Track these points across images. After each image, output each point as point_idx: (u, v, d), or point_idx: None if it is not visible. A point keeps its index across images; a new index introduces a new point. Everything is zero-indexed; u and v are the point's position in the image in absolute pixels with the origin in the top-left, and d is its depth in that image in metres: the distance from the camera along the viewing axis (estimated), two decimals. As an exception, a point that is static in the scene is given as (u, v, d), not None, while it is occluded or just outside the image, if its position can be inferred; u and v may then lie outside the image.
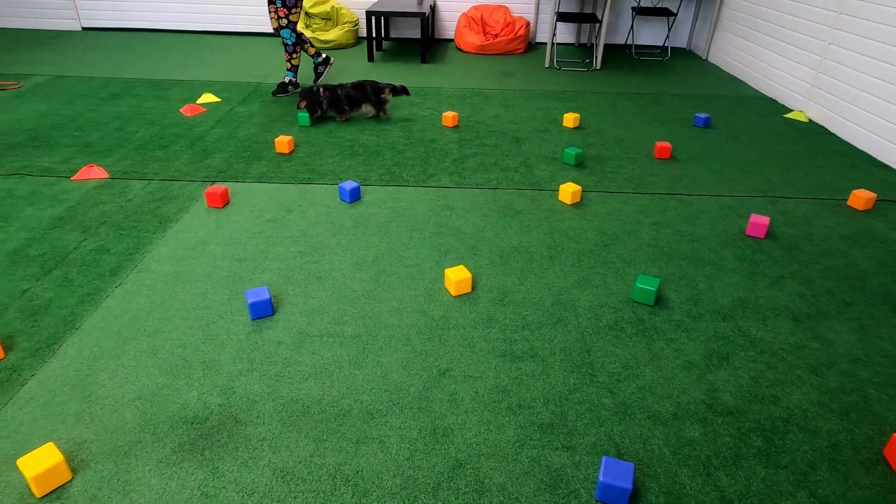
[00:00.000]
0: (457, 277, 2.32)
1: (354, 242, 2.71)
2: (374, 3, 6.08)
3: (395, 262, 2.57)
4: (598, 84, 5.32)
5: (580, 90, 5.12)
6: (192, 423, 1.75)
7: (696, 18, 6.65)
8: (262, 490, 1.55)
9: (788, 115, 4.57)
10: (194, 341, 2.08)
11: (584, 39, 6.94)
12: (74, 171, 3.33)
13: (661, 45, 6.81)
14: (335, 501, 1.53)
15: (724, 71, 5.91)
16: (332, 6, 6.53)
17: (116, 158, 3.53)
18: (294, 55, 4.63)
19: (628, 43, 6.85)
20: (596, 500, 1.55)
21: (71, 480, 1.57)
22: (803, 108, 4.63)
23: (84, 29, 6.96)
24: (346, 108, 4.16)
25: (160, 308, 2.24)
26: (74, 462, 1.62)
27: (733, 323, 2.23)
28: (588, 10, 6.57)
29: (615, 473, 1.52)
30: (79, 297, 2.30)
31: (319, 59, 4.87)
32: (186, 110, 4.32)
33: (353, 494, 1.55)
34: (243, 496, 1.54)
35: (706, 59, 6.35)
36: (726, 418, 1.81)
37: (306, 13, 6.50)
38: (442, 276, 2.47)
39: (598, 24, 5.92)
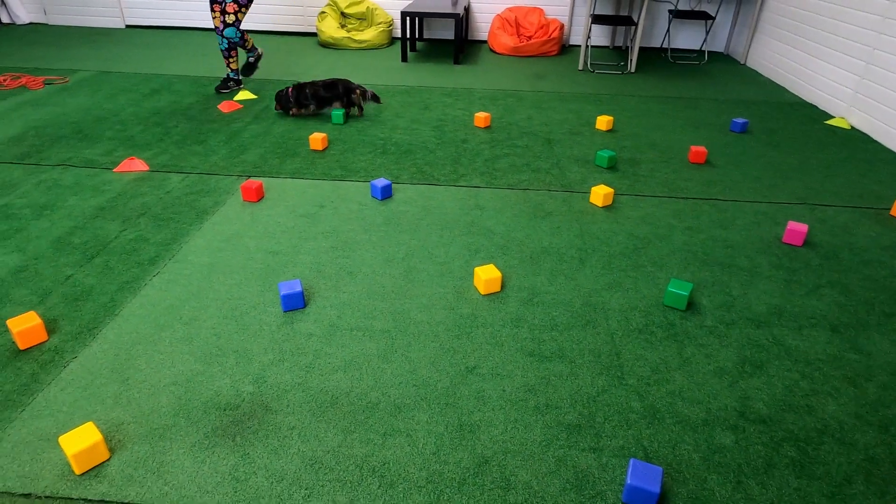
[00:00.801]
0: (486, 276, 2.32)
1: (385, 239, 2.73)
2: (409, 4, 6.13)
3: (425, 259, 2.58)
4: (632, 87, 5.27)
5: (614, 93, 5.08)
6: (224, 410, 1.79)
7: (735, 22, 6.53)
8: (291, 477, 1.58)
9: (830, 122, 4.46)
10: (228, 330, 2.12)
11: (619, 42, 6.88)
12: (116, 163, 3.43)
13: (699, 48, 6.71)
14: (362, 492, 1.55)
15: (763, 76, 5.79)
16: (368, 7, 6.60)
17: (156, 152, 3.63)
18: (232, 57, 4.68)
19: (664, 46, 6.76)
20: (622, 503, 1.53)
21: (108, 460, 1.62)
22: (845, 114, 4.50)
23: (128, 27, 7.17)
24: (312, 105, 4.22)
25: (196, 297, 2.30)
26: (112, 442, 1.67)
27: (768, 331, 2.18)
28: (624, 13, 6.51)
29: (643, 476, 1.50)
30: (118, 284, 2.37)
31: (254, 56, 4.83)
32: (224, 106, 4.42)
33: (379, 485, 1.57)
34: (272, 482, 1.57)
35: (745, 64, 6.23)
36: (758, 426, 1.77)
37: (342, 13, 6.59)
38: (471, 274, 2.48)
39: (633, 27, 5.86)
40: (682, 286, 2.28)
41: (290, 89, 4.18)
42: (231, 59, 4.69)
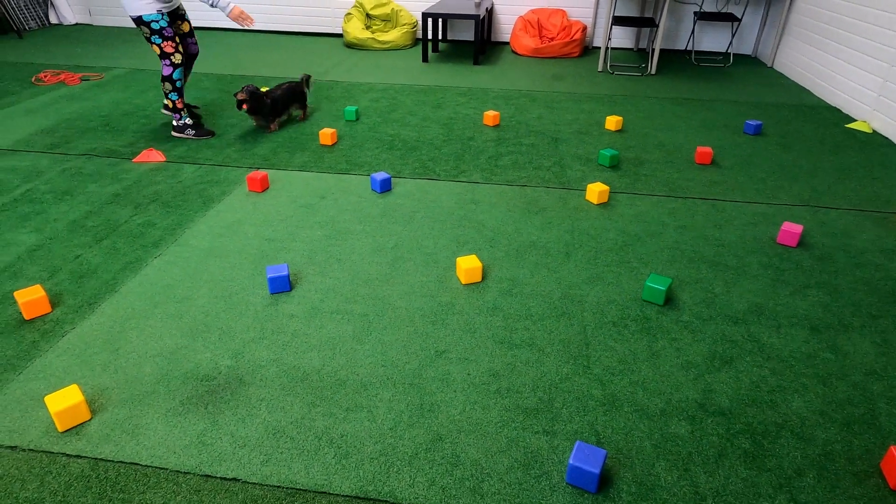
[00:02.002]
0: (467, 266, 2.38)
1: (378, 230, 2.82)
2: (431, 6, 6.23)
3: (413, 249, 2.66)
4: (649, 89, 5.24)
5: (630, 94, 5.06)
6: (201, 381, 1.90)
7: (763, 24, 6.40)
8: (253, 443, 1.67)
9: (851, 126, 4.34)
10: (216, 309, 2.24)
11: (642, 44, 6.83)
12: (136, 154, 3.62)
13: (724, 51, 6.60)
14: (317, 461, 1.63)
15: (788, 79, 5.66)
16: (393, 8, 6.73)
17: (174, 144, 3.81)
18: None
19: (688, 48, 6.68)
20: (566, 483, 1.57)
21: (89, 420, 1.75)
22: (868, 118, 4.38)
23: (165, 27, 7.48)
24: (280, 113, 4.08)
25: (191, 278, 2.43)
26: (95, 405, 1.80)
27: (744, 328, 2.18)
28: (648, 15, 6.46)
29: (585, 458, 1.54)
30: (122, 264, 2.52)
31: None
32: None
33: (334, 455, 1.64)
34: (235, 447, 1.66)
35: (771, 67, 6.10)
36: (717, 419, 1.78)
37: (368, 14, 6.74)
38: (455, 264, 2.54)
39: (654, 29, 5.82)
40: (661, 281, 2.29)
41: (264, 94, 3.89)
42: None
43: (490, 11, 6.72)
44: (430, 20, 6.56)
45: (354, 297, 2.33)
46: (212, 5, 3.59)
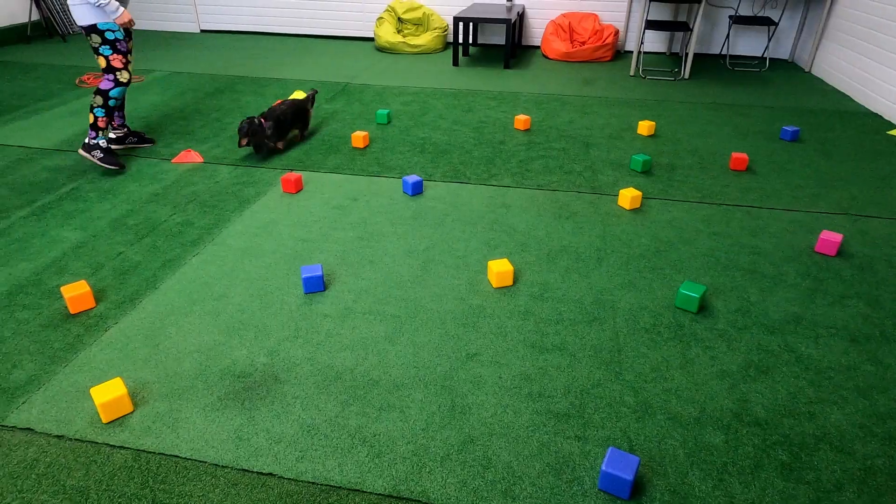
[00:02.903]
0: (498, 269, 2.39)
1: (409, 232, 2.85)
2: (463, 10, 6.25)
3: (445, 252, 2.67)
4: (682, 93, 5.17)
5: (662, 99, 5.01)
6: (238, 377, 1.94)
7: (801, 28, 6.28)
8: (288, 440, 1.71)
9: (893, 132, 4.23)
10: (252, 308, 2.29)
11: (676, 49, 6.75)
12: (174, 155, 3.72)
13: (760, 55, 6.49)
14: (350, 458, 1.65)
15: (827, 84, 5.54)
16: (424, 12, 6.78)
17: (212, 145, 3.90)
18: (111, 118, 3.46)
19: (723, 53, 6.57)
20: (598, 490, 1.57)
21: (132, 412, 1.80)
22: (911, 124, 4.26)
23: (202, 31, 7.67)
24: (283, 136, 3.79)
25: (228, 277, 2.48)
26: (137, 398, 1.85)
27: (781, 337, 2.14)
28: (682, 19, 6.39)
29: (618, 464, 1.53)
30: (162, 261, 2.59)
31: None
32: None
33: (367, 454, 1.67)
34: (271, 443, 1.70)
35: (809, 72, 5.97)
36: (753, 429, 1.75)
37: (399, 18, 6.80)
38: (486, 268, 2.55)
39: (688, 33, 5.75)
40: (694, 288, 2.26)
41: (261, 120, 3.60)
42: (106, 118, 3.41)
43: (521, 15, 6.72)
44: (461, 24, 6.60)
45: (386, 298, 2.35)
46: (97, 5, 3.08)
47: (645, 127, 4.14)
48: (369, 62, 6.20)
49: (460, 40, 6.67)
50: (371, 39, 7.23)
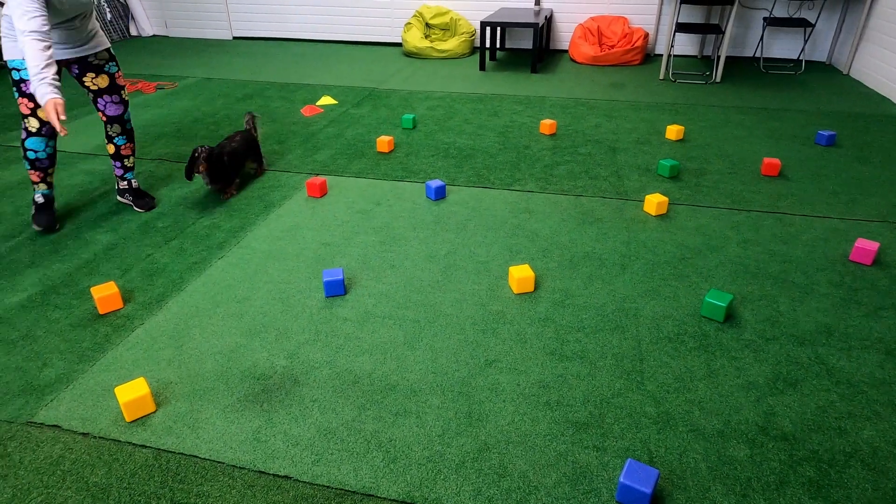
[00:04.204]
0: (519, 275, 2.37)
1: (431, 237, 2.84)
2: (491, 15, 6.25)
3: (466, 257, 2.67)
4: (713, 97, 5.07)
5: (693, 103, 4.91)
6: (258, 379, 1.96)
7: (839, 29, 6.09)
8: (305, 443, 1.72)
9: (935, 137, 4.07)
10: (273, 310, 2.31)
11: (707, 51, 6.62)
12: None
13: (796, 58, 6.32)
14: (365, 463, 1.65)
15: (866, 87, 5.36)
16: (452, 17, 6.79)
17: (240, 150, 3.97)
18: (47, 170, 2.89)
19: (757, 55, 6.42)
20: (616, 502, 1.53)
21: (154, 412, 1.84)
22: (955, 129, 4.09)
23: (234, 38, 7.83)
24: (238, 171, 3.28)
25: (251, 279, 2.52)
26: (159, 398, 1.89)
27: (811, 349, 2.07)
28: (714, 21, 6.27)
29: (637, 476, 1.50)
30: (188, 264, 2.64)
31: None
32: (306, 110, 4.74)
33: (382, 459, 1.67)
34: (288, 446, 1.71)
35: (847, 74, 5.79)
36: (779, 443, 1.70)
37: (427, 24, 6.82)
38: (507, 273, 2.53)
39: (720, 35, 5.64)
40: (721, 297, 2.21)
41: (223, 153, 3.12)
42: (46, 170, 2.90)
43: (549, 19, 6.68)
44: (488, 29, 6.59)
45: (406, 303, 2.35)
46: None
47: (674, 131, 4.07)
48: (396, 67, 6.24)
49: (487, 45, 6.66)
50: (399, 45, 7.28)
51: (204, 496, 1.56)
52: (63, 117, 2.32)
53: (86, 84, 2.85)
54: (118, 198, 3.26)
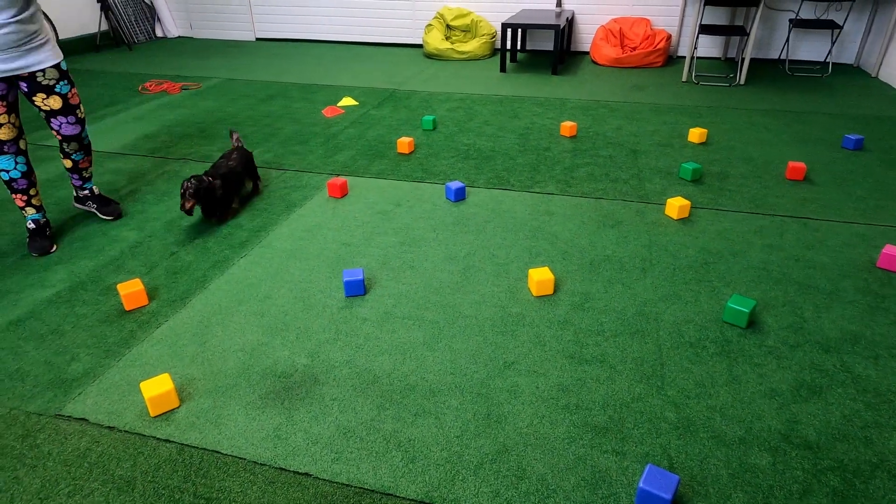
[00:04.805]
0: (539, 277, 2.37)
1: (451, 238, 2.85)
2: (512, 17, 6.24)
3: (485, 259, 2.67)
4: (737, 100, 5.01)
5: (716, 105, 4.86)
6: (279, 377, 1.99)
7: (868, 31, 5.98)
8: (325, 441, 1.74)
9: (968, 141, 3.97)
10: (294, 309, 2.34)
11: (731, 54, 6.54)
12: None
13: (822, 60, 6.21)
14: (384, 462, 1.67)
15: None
16: (473, 19, 6.80)
17: (262, 150, 4.02)
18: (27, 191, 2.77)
19: (782, 58, 6.33)
20: (635, 507, 1.53)
21: (178, 407, 1.87)
22: None
23: (257, 39, 7.92)
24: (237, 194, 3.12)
25: (273, 278, 2.55)
26: (183, 394, 1.92)
27: (837, 357, 2.03)
28: (738, 23, 6.19)
29: (657, 482, 1.49)
30: (212, 262, 2.68)
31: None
32: (327, 111, 4.78)
33: (401, 458, 1.68)
34: (308, 443, 1.73)
35: (876, 77, 5.68)
36: (803, 452, 1.67)
37: (448, 25, 6.84)
38: (526, 276, 2.53)
39: (745, 37, 5.57)
40: (744, 302, 2.18)
41: (210, 179, 2.91)
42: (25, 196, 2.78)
43: (570, 21, 6.65)
44: (509, 30, 6.58)
45: (426, 303, 2.36)
46: None
47: (696, 134, 4.03)
48: (417, 69, 6.27)
49: (508, 46, 6.65)
50: (419, 46, 7.31)
51: (226, 491, 1.59)
52: None
53: (36, 104, 2.64)
54: (76, 205, 3.17)
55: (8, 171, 2.67)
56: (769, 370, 1.98)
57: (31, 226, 2.82)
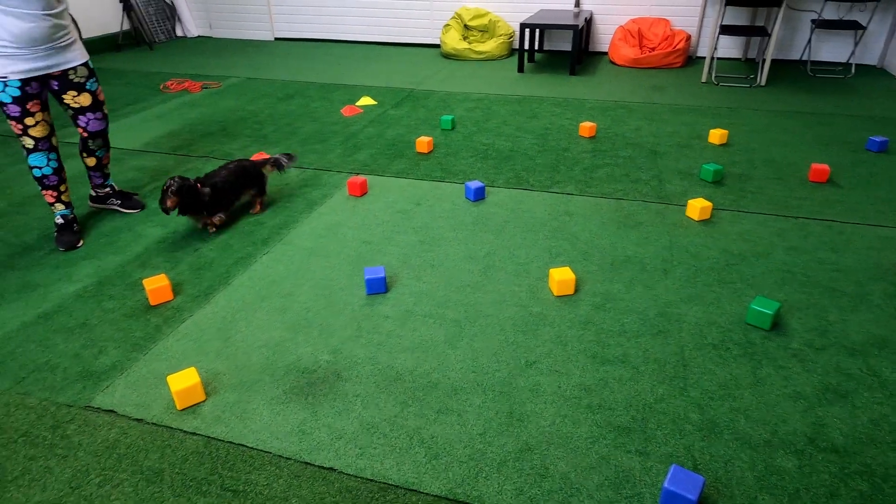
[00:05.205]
0: (560, 277, 2.37)
1: (471, 237, 2.86)
2: (530, 17, 6.24)
3: (505, 258, 2.67)
4: (758, 101, 4.96)
5: (736, 107, 4.82)
6: (302, 373, 2.01)
7: (892, 32, 5.89)
8: (349, 436, 1.75)
9: None
10: (317, 306, 2.36)
11: (752, 54, 6.48)
12: (248, 157, 3.88)
13: (845, 61, 6.13)
14: (408, 458, 1.68)
15: (920, 92, 5.17)
16: (490, 19, 6.80)
17: (283, 148, 4.05)
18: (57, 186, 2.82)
19: (804, 59, 6.26)
20: (660, 507, 1.52)
21: (204, 401, 1.89)
22: None
23: (276, 39, 7.98)
24: (227, 205, 2.98)
25: (294, 275, 2.57)
26: (209, 388, 1.95)
27: (863, 360, 2.01)
28: (759, 23, 6.13)
29: (682, 483, 1.48)
30: (235, 259, 2.71)
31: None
32: (346, 111, 4.81)
33: (424, 455, 1.69)
34: (332, 438, 1.75)
35: (900, 79, 5.60)
36: (829, 455, 1.66)
37: (465, 25, 6.84)
38: (547, 275, 2.53)
39: (766, 38, 5.51)
40: (768, 304, 2.16)
41: (198, 184, 2.83)
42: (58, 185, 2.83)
43: (589, 21, 6.63)
44: (527, 30, 6.57)
45: (447, 302, 2.37)
46: None
47: (717, 135, 4.00)
48: (435, 69, 6.28)
49: (526, 47, 6.64)
50: (437, 46, 7.32)
51: (252, 484, 1.61)
52: None
53: (66, 102, 2.71)
54: (93, 205, 3.19)
55: (41, 168, 2.73)
56: (794, 373, 1.97)
57: (60, 221, 2.86)
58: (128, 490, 1.60)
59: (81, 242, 2.88)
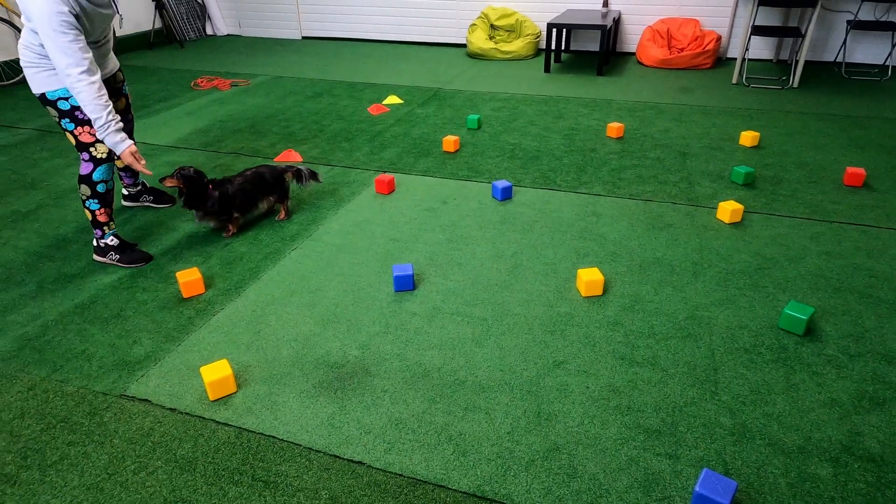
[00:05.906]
0: (588, 278, 2.35)
1: (498, 237, 2.86)
2: (557, 17, 6.21)
3: (532, 258, 2.67)
4: (791, 103, 4.87)
5: (768, 109, 4.73)
6: (331, 367, 2.03)
7: (931, 34, 5.73)
8: (377, 431, 1.76)
9: None
10: (345, 302, 2.38)
11: (784, 55, 6.36)
12: (276, 154, 3.94)
13: (881, 63, 5.98)
14: (436, 455, 1.69)
15: (960, 95, 5.03)
16: (517, 19, 6.78)
17: (310, 146, 4.09)
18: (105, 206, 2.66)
19: (838, 60, 6.12)
20: (690, 511, 1.51)
21: (235, 392, 1.93)
22: None
23: (303, 38, 8.07)
24: (240, 211, 2.92)
25: (323, 271, 2.60)
26: (240, 379, 1.98)
27: (900, 368, 1.97)
28: (792, 24, 6.02)
29: (714, 487, 1.47)
30: (264, 254, 2.75)
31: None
32: (373, 109, 4.84)
33: (453, 452, 1.69)
34: (361, 433, 1.76)
35: (939, 81, 5.45)
36: (865, 464, 1.63)
37: (492, 25, 6.84)
38: (575, 276, 2.51)
39: (800, 39, 5.41)
40: (802, 309, 2.13)
41: (210, 185, 2.81)
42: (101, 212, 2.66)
43: (616, 21, 6.57)
44: (554, 30, 6.54)
45: (474, 300, 2.38)
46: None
47: (748, 137, 3.94)
48: (461, 68, 6.29)
49: (553, 47, 6.61)
50: (463, 46, 7.32)
51: (283, 475, 1.63)
52: (143, 161, 2.46)
53: None
54: (128, 203, 3.23)
55: (106, 182, 2.57)
56: (829, 379, 1.93)
57: (115, 242, 2.69)
58: (162, 478, 1.64)
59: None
